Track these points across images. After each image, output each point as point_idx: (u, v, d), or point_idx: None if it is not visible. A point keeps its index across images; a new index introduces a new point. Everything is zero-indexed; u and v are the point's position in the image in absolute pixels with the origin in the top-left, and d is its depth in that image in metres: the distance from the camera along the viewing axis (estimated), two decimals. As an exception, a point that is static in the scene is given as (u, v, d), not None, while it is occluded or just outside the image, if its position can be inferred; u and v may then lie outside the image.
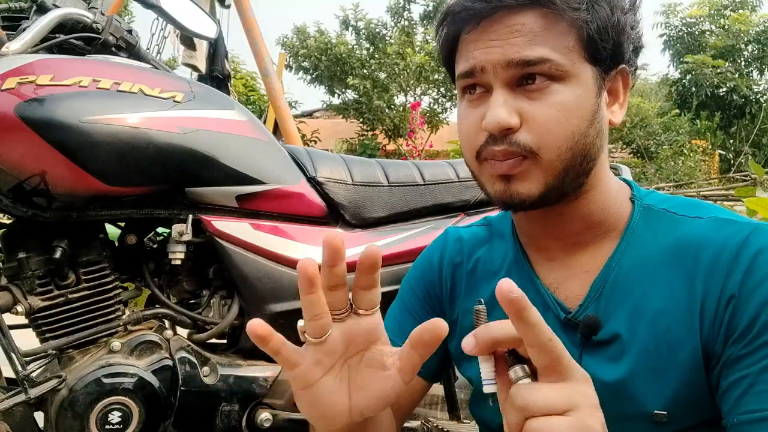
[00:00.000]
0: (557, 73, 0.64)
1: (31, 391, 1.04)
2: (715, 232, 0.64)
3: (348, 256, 0.60)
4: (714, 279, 0.62)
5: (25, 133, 1.01)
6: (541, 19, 0.64)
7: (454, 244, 0.86)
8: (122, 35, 1.28)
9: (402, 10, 11.25)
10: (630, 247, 0.69)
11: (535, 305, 0.70)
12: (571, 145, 0.65)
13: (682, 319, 0.63)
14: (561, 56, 0.64)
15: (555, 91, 0.64)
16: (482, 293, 0.81)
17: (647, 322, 0.65)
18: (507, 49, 0.64)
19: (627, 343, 0.66)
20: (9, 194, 1.07)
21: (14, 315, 1.08)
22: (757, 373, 0.58)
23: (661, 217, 0.70)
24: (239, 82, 10.71)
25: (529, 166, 0.65)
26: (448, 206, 1.34)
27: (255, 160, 1.19)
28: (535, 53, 0.63)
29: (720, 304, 0.61)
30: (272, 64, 4.03)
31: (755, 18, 11.11)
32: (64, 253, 1.09)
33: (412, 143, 6.80)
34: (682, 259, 0.65)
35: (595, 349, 0.68)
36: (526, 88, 0.65)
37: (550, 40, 0.64)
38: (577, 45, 0.64)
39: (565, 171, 0.65)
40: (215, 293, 1.24)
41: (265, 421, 1.16)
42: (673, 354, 0.63)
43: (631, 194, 0.74)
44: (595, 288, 0.69)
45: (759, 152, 10.41)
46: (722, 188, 6.19)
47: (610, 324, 0.67)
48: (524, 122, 0.64)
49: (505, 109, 0.64)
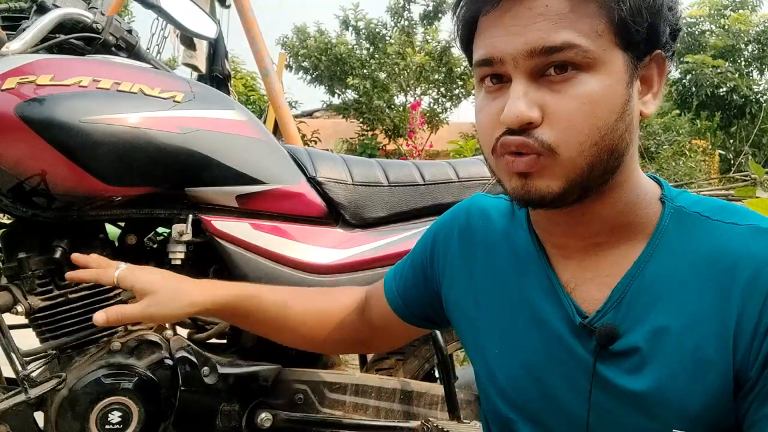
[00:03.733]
0: (585, 60, 0.58)
1: (31, 391, 1.04)
2: (754, 243, 0.59)
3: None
4: (753, 300, 0.57)
5: (25, 133, 1.01)
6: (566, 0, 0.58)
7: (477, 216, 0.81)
8: (122, 35, 1.28)
9: (402, 10, 11.24)
10: (657, 253, 0.64)
11: (548, 304, 0.70)
12: (596, 140, 0.59)
13: (712, 339, 0.59)
14: (589, 41, 0.57)
15: (581, 82, 0.58)
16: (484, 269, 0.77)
17: (672, 339, 0.60)
18: (528, 36, 0.58)
19: (647, 357, 0.62)
20: (9, 194, 1.07)
21: (14, 315, 1.08)
22: None
23: (695, 222, 0.63)
24: (239, 82, 10.71)
25: (548, 162, 0.60)
26: (448, 206, 1.33)
27: (255, 160, 1.19)
28: (560, 38, 0.57)
29: (759, 328, 0.57)
30: (272, 64, 4.03)
31: (755, 18, 11.11)
32: (64, 253, 1.09)
33: (412, 143, 6.79)
34: (716, 271, 0.60)
35: (611, 358, 0.64)
36: (549, 78, 0.59)
37: (577, 24, 0.57)
38: (607, 29, 0.58)
39: (590, 168, 0.60)
40: (215, 293, 1.24)
41: (265, 421, 1.16)
42: (701, 375, 0.59)
43: (661, 194, 0.67)
44: (615, 294, 0.64)
45: (759, 152, 10.41)
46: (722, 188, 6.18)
47: (629, 335, 0.63)
48: (546, 116, 0.59)
49: (524, 102, 0.58)
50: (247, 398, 1.18)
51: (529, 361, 0.71)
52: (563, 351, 0.67)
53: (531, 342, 0.71)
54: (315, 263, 1.22)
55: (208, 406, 1.15)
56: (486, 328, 0.77)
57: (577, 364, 0.66)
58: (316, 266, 1.22)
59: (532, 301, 0.71)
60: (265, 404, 1.19)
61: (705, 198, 0.67)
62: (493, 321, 0.75)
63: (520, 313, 0.72)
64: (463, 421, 1.25)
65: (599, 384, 0.64)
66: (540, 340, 0.70)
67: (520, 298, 0.72)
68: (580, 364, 0.66)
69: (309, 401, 1.22)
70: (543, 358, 0.69)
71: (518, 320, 0.72)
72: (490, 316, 0.76)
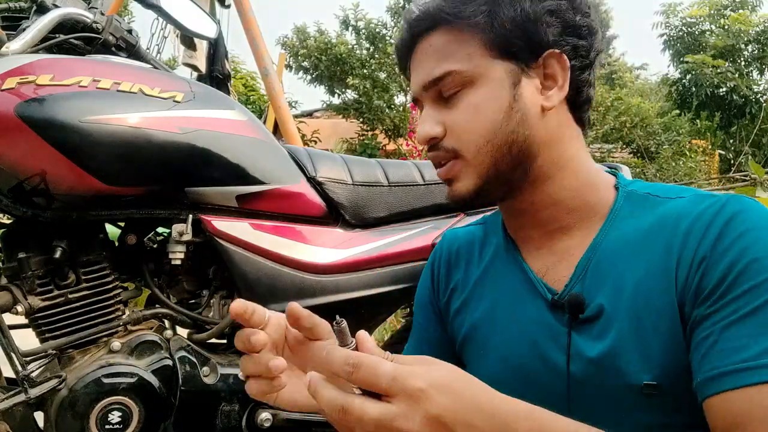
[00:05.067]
0: (464, 80, 0.70)
1: (31, 391, 1.04)
2: (694, 204, 0.66)
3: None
4: (689, 243, 0.64)
5: (25, 132, 1.01)
6: (446, 35, 0.71)
7: (450, 246, 0.89)
8: (122, 35, 1.28)
9: (402, 10, 11.24)
10: (613, 228, 0.71)
11: (524, 290, 0.75)
12: (489, 138, 0.70)
13: (660, 286, 0.65)
14: (463, 64, 0.70)
15: (465, 96, 0.71)
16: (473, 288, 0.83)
17: (629, 294, 0.66)
18: (422, 73, 0.73)
19: (611, 316, 0.67)
20: (9, 194, 1.07)
21: (14, 315, 1.08)
22: (719, 331, 0.59)
23: (645, 201, 0.72)
24: (239, 82, 10.71)
25: (460, 166, 0.72)
26: (448, 206, 1.34)
27: (255, 160, 1.19)
28: (439, 70, 0.70)
29: (692, 266, 0.62)
30: (272, 64, 4.03)
31: (755, 18, 11.10)
32: (64, 253, 1.09)
33: (412, 143, 6.79)
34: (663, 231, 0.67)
35: (582, 326, 0.69)
36: (444, 99, 0.72)
37: (453, 53, 0.70)
38: (480, 48, 0.69)
39: (494, 163, 0.70)
40: (215, 293, 1.24)
41: (265, 421, 1.17)
42: (656, 321, 0.64)
43: (615, 182, 0.76)
44: (579, 268, 0.71)
45: (759, 152, 10.40)
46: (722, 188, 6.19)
47: (595, 301, 0.69)
48: (447, 129, 0.72)
49: (428, 123, 0.72)
50: (247, 398, 1.17)
51: (507, 353, 0.76)
52: (539, 331, 0.73)
53: (510, 334, 0.76)
54: (315, 263, 1.22)
55: (208, 406, 1.15)
56: (474, 333, 0.82)
57: (554, 340, 0.71)
58: (316, 266, 1.22)
59: (511, 295, 0.77)
60: (265, 404, 1.19)
61: (656, 183, 0.76)
62: (480, 324, 0.81)
63: (501, 309, 0.78)
64: (463, 421, 1.24)
65: (575, 355, 0.69)
66: (518, 329, 0.75)
67: (499, 297, 0.79)
68: (556, 340, 0.71)
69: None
70: (521, 347, 0.74)
71: (498, 317, 0.78)
72: (475, 321, 0.82)
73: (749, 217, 0.62)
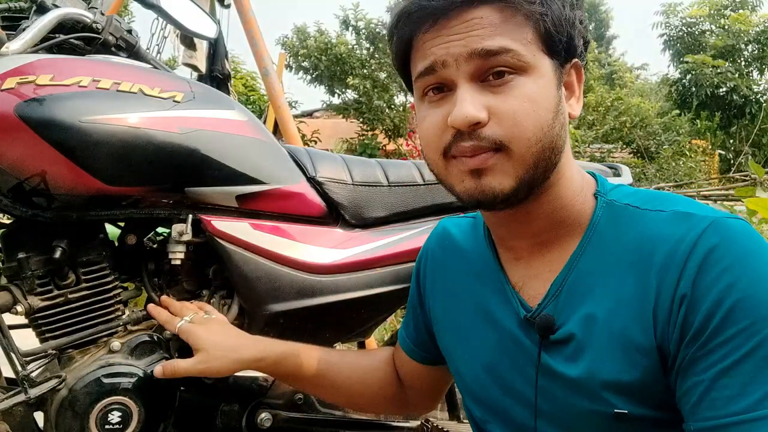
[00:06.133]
0: (519, 64, 0.63)
1: (31, 391, 1.04)
2: (672, 227, 0.63)
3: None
4: (668, 277, 0.61)
5: (24, 133, 1.00)
6: (498, 12, 0.64)
7: (438, 240, 0.90)
8: (122, 35, 1.28)
9: (402, 10, 11.23)
10: (591, 246, 0.68)
11: (500, 304, 0.75)
12: (540, 137, 0.64)
13: (636, 321, 0.62)
14: (522, 47, 0.63)
15: (520, 84, 0.64)
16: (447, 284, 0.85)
17: (602, 324, 0.64)
18: (468, 41, 0.63)
19: (582, 344, 0.66)
20: (9, 194, 1.07)
21: (14, 315, 1.08)
22: (711, 379, 0.57)
23: (624, 213, 0.68)
24: (239, 82, 10.71)
25: (500, 160, 0.64)
26: (448, 206, 1.34)
27: (255, 160, 1.19)
28: (496, 42, 0.63)
29: (674, 303, 0.60)
30: (272, 64, 4.03)
31: (755, 18, 11.10)
32: (64, 253, 1.09)
33: (412, 143, 6.80)
34: (637, 257, 0.64)
35: (553, 347, 0.68)
36: (490, 83, 0.64)
37: (510, 32, 0.63)
38: (535, 37, 0.64)
39: (535, 164, 0.65)
40: (215, 293, 1.24)
41: (265, 421, 1.17)
42: (629, 356, 0.63)
43: (595, 189, 0.72)
44: (554, 287, 0.69)
45: (759, 152, 10.40)
46: (722, 188, 6.19)
47: (566, 325, 0.67)
48: (492, 116, 0.63)
49: (472, 104, 0.63)
50: (247, 398, 1.18)
51: (487, 360, 0.76)
52: (513, 345, 0.73)
53: (488, 342, 0.76)
54: (315, 263, 1.22)
55: (208, 406, 1.15)
56: (453, 334, 0.83)
57: (525, 356, 0.71)
58: (316, 266, 1.22)
59: (487, 304, 0.77)
60: (265, 404, 1.19)
61: (640, 190, 0.72)
62: (458, 327, 0.82)
63: (478, 316, 0.78)
64: (463, 421, 1.25)
65: (544, 371, 0.69)
66: (495, 338, 0.75)
67: (478, 303, 0.78)
68: (527, 355, 0.71)
69: (309, 401, 1.22)
70: (499, 355, 0.75)
71: (477, 323, 0.78)
72: (455, 322, 0.82)
73: (730, 249, 0.59)
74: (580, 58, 0.70)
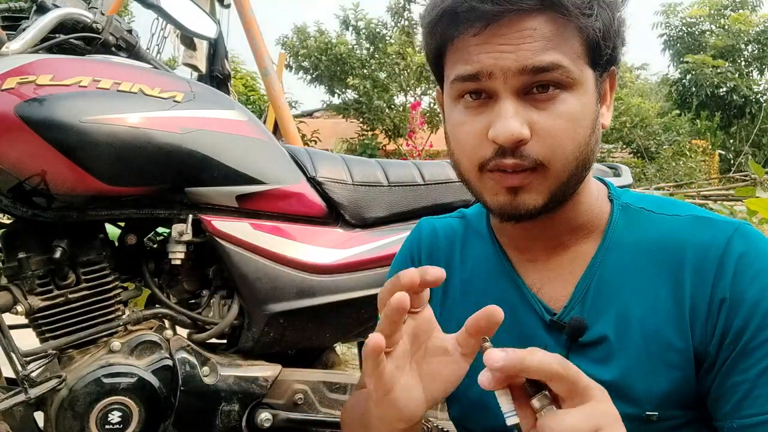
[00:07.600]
0: (567, 80, 0.61)
1: (31, 391, 1.04)
2: (697, 232, 0.65)
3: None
4: (702, 281, 0.62)
5: (25, 133, 1.00)
6: (551, 23, 0.60)
7: (429, 238, 0.84)
8: (122, 35, 1.28)
9: (402, 10, 11.24)
10: (612, 247, 0.69)
11: (517, 307, 0.72)
12: (577, 155, 0.63)
13: (671, 321, 0.64)
14: (571, 62, 0.61)
15: (563, 101, 0.61)
16: (455, 290, 0.80)
17: (635, 325, 0.65)
18: (519, 54, 0.60)
19: (615, 345, 0.66)
20: (9, 194, 1.07)
21: (14, 315, 1.08)
22: (754, 377, 0.59)
23: (640, 216, 0.70)
24: (239, 82, 10.71)
25: (537, 178, 0.63)
26: (448, 206, 1.34)
27: (255, 160, 1.19)
28: (548, 58, 0.60)
29: (712, 306, 0.61)
30: (272, 64, 4.03)
31: (755, 18, 11.11)
32: (64, 253, 1.09)
33: (412, 143, 6.79)
34: (667, 259, 0.65)
35: (581, 350, 0.68)
36: (535, 97, 0.61)
37: (560, 46, 0.60)
38: (583, 50, 0.62)
39: (569, 180, 0.64)
40: (215, 293, 1.24)
41: (265, 421, 1.16)
42: (664, 357, 0.64)
43: (608, 193, 0.73)
44: (579, 290, 0.69)
45: (759, 152, 10.41)
46: (722, 188, 6.19)
47: (596, 326, 0.67)
48: (534, 133, 0.61)
49: (517, 121, 0.60)
50: (247, 398, 1.18)
51: None
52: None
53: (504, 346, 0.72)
54: (315, 263, 1.22)
55: (208, 406, 1.15)
56: None
57: None
58: (316, 266, 1.22)
59: (503, 307, 0.73)
60: (265, 404, 1.19)
61: (646, 194, 0.74)
62: None
63: None
64: (463, 421, 1.24)
65: None
66: (514, 343, 0.71)
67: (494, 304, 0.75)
68: None
69: (309, 401, 1.22)
70: None
71: None
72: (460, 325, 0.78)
73: (758, 255, 0.62)
74: (617, 64, 0.67)
